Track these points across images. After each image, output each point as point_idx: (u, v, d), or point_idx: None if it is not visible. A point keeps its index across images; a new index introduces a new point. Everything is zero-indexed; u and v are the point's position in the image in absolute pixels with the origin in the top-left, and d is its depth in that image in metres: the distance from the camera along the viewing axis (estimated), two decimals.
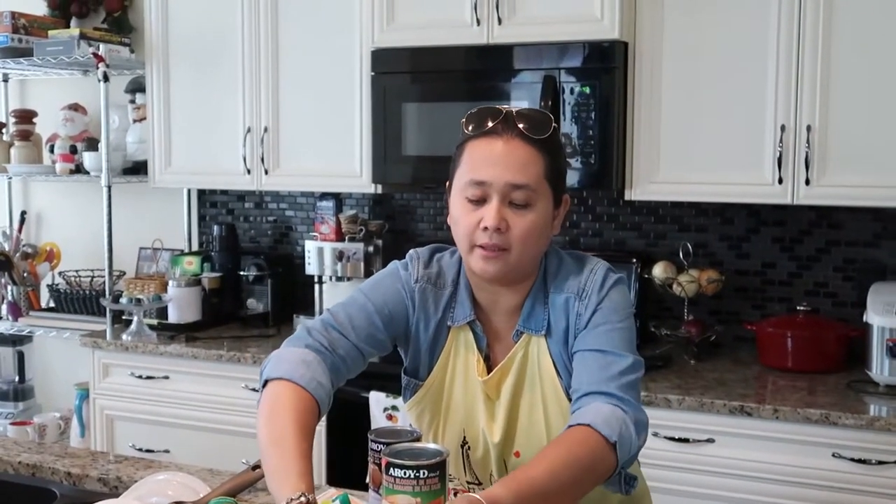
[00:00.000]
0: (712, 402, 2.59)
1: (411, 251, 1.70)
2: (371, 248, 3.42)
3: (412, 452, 1.33)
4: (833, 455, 2.51)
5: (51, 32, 3.73)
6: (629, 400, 1.46)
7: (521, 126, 1.50)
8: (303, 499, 1.28)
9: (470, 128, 1.54)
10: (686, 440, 2.64)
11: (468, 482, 1.65)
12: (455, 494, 1.55)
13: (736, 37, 2.84)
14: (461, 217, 1.54)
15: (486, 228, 1.50)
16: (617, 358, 1.50)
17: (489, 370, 1.62)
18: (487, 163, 1.50)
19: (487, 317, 1.63)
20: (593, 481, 1.40)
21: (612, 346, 1.51)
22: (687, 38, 2.89)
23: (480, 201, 1.51)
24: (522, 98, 3.00)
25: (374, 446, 1.44)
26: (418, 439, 1.45)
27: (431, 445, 1.38)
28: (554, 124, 1.53)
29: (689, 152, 2.91)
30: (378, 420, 2.93)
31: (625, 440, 1.41)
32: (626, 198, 3.00)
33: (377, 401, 2.94)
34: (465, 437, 1.63)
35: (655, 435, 2.62)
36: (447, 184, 1.60)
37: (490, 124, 1.51)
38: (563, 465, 1.35)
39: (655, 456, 2.60)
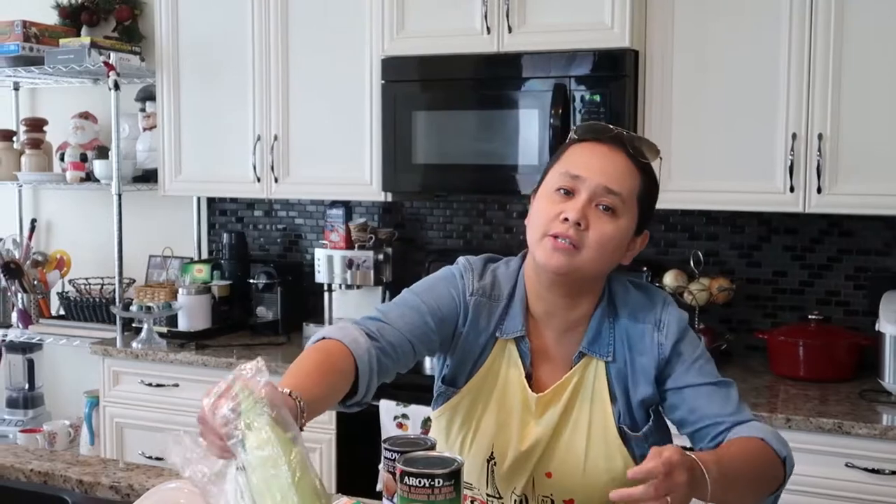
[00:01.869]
0: None
1: (462, 259, 1.67)
2: (381, 257, 3.42)
3: (427, 461, 1.32)
4: (846, 465, 2.49)
5: (62, 41, 3.74)
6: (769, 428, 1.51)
7: (628, 144, 1.54)
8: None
9: (579, 133, 1.58)
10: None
11: (488, 495, 1.63)
12: (473, 502, 1.57)
13: (747, 45, 2.84)
14: (544, 206, 1.53)
15: (565, 220, 1.49)
16: (729, 389, 1.56)
17: (531, 388, 1.59)
18: (588, 161, 1.53)
19: (539, 331, 1.61)
20: (765, 490, 1.45)
21: (716, 378, 1.56)
22: (698, 45, 2.89)
23: (569, 194, 1.52)
24: (533, 106, 3.00)
25: (389, 455, 1.43)
26: (433, 448, 1.44)
27: (446, 454, 1.38)
28: (660, 157, 1.57)
29: (700, 160, 2.91)
30: (388, 428, 2.92)
31: (790, 458, 1.48)
32: None
33: (387, 409, 2.93)
34: (492, 452, 1.61)
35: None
36: (534, 189, 1.60)
37: (599, 135, 1.55)
38: (755, 460, 1.41)
39: None
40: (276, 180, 3.45)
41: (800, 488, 2.52)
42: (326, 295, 3.54)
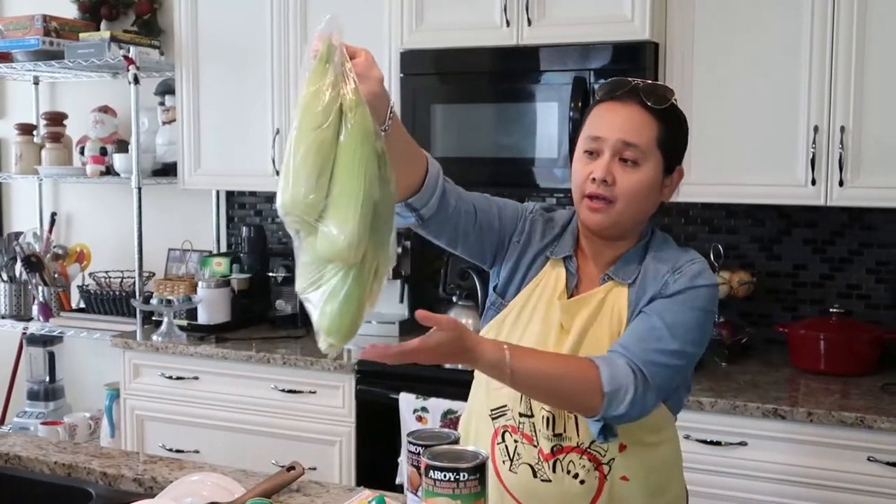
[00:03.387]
0: (745, 405, 2.57)
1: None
2: (399, 250, 3.42)
3: (452, 455, 1.33)
4: (868, 459, 2.48)
5: (81, 35, 3.75)
6: (649, 384, 1.55)
7: (642, 95, 1.64)
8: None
9: (601, 94, 1.69)
10: (718, 443, 2.62)
11: (520, 413, 1.69)
12: (504, 433, 1.70)
13: (768, 37, 2.82)
14: (577, 169, 1.68)
15: (594, 179, 1.62)
16: (669, 338, 1.58)
17: None
18: (606, 121, 1.65)
19: (586, 261, 1.73)
20: (569, 406, 1.60)
21: (674, 324, 1.59)
22: (718, 38, 2.87)
23: (595, 154, 1.64)
24: (552, 99, 2.99)
25: (413, 448, 1.43)
26: (456, 441, 1.44)
27: (470, 448, 1.38)
28: (674, 99, 1.65)
29: (721, 153, 2.89)
30: (408, 422, 2.93)
31: (615, 402, 1.53)
32: None
33: (407, 402, 2.94)
34: None
35: (687, 438, 2.60)
36: (571, 149, 1.76)
37: (618, 92, 1.66)
38: (557, 373, 1.54)
39: (688, 459, 2.53)
40: None
41: (822, 482, 2.52)
42: None
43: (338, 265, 1.33)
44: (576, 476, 1.64)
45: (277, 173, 3.46)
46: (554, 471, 1.65)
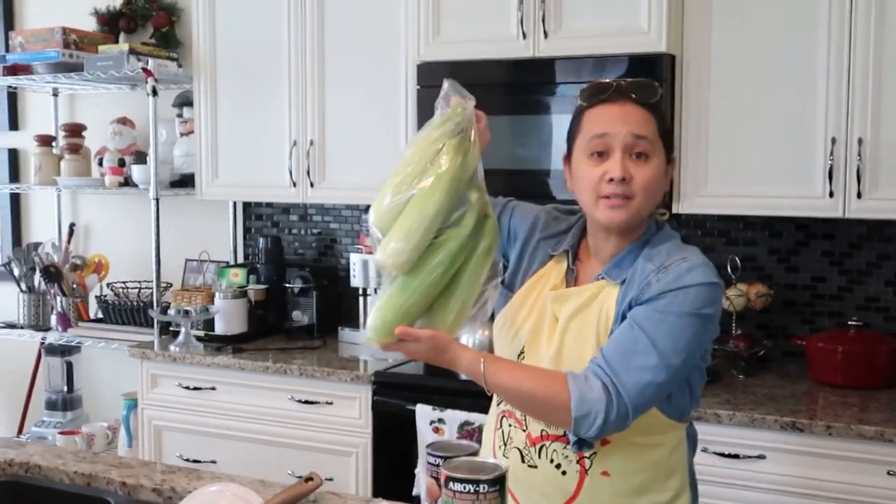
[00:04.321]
0: (763, 418, 2.56)
1: None
2: None
3: (472, 466, 1.33)
4: (888, 473, 2.46)
5: (100, 48, 3.79)
6: (625, 404, 1.55)
7: (632, 94, 1.66)
8: None
9: (585, 99, 1.70)
10: (736, 456, 2.60)
11: None
12: (502, 418, 1.76)
13: (785, 48, 2.81)
14: (585, 173, 1.66)
15: (611, 180, 1.62)
16: (646, 352, 1.56)
17: None
18: (609, 119, 1.65)
19: (587, 259, 1.76)
20: (541, 418, 1.65)
21: (656, 335, 1.56)
22: (735, 49, 2.87)
23: (603, 154, 1.64)
24: (567, 111, 2.96)
25: (432, 460, 1.43)
26: (476, 453, 1.44)
27: (490, 460, 1.38)
28: (660, 90, 1.69)
29: (738, 165, 2.88)
30: (424, 433, 2.92)
31: (584, 425, 1.56)
32: (674, 211, 2.97)
33: (423, 414, 2.93)
34: (523, 349, 1.74)
35: (705, 451, 2.59)
36: (563, 157, 1.75)
37: (604, 95, 1.67)
38: (527, 390, 1.60)
39: (705, 472, 2.56)
40: (311, 185, 3.47)
41: (841, 496, 2.50)
42: (361, 299, 3.56)
43: (390, 273, 1.58)
44: (558, 466, 1.66)
45: (294, 184, 3.48)
46: (539, 457, 1.68)
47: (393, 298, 1.58)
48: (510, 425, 1.73)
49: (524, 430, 1.70)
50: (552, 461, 1.67)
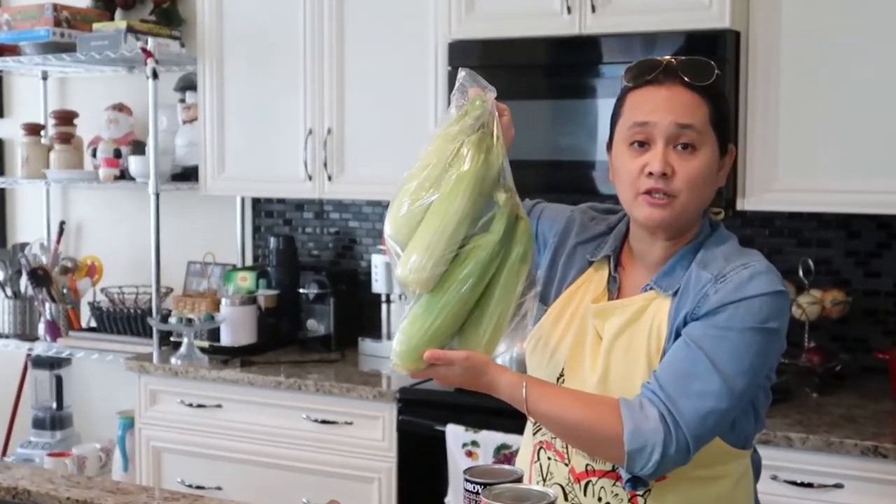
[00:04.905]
0: (841, 442, 2.54)
1: None
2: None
3: (517, 494, 1.32)
4: None
5: (95, 26, 3.82)
6: (685, 437, 1.52)
7: (682, 74, 1.63)
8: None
9: (630, 79, 1.68)
10: (810, 485, 2.59)
11: None
12: (539, 450, 1.74)
13: (868, 22, 2.79)
14: (624, 165, 1.65)
15: (650, 174, 1.60)
16: (706, 375, 1.54)
17: None
18: (651, 105, 1.63)
19: (632, 265, 1.73)
20: (589, 451, 1.63)
21: (717, 355, 1.54)
22: (809, 24, 2.85)
23: (644, 145, 1.62)
24: (615, 95, 2.96)
25: (470, 487, 1.43)
26: (520, 480, 1.44)
27: (536, 487, 1.38)
28: (717, 71, 1.64)
29: (811, 157, 2.86)
30: (456, 457, 2.92)
31: (638, 461, 1.52)
32: (738, 208, 2.96)
33: (455, 435, 2.93)
34: (563, 371, 1.71)
35: (774, 478, 2.57)
36: (607, 143, 1.73)
37: (651, 75, 1.64)
38: (573, 419, 1.57)
39: (775, 503, 2.55)
40: (329, 178, 3.48)
41: None
42: (384, 306, 3.56)
43: (413, 290, 1.58)
44: None
45: (310, 178, 3.49)
46: (585, 495, 1.65)
47: (419, 319, 1.57)
48: (549, 458, 1.71)
49: (566, 464, 1.68)
50: (600, 500, 1.65)
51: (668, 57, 1.67)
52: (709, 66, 1.65)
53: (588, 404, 1.59)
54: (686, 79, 1.62)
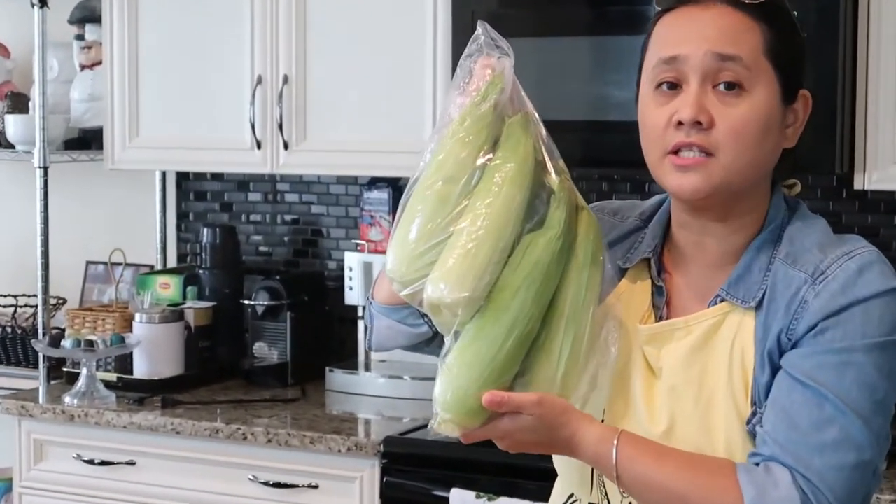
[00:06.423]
0: None
1: None
2: None
3: None
4: None
5: None
6: (826, 495, 1.49)
7: None
8: None
9: (660, 2, 1.67)
10: None
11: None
12: None
13: None
14: (649, 116, 1.63)
15: (680, 123, 1.57)
16: (838, 419, 1.51)
17: None
18: (683, 33, 1.61)
19: (684, 268, 1.70)
20: None
21: (840, 391, 1.52)
22: None
23: (675, 87, 1.60)
24: None
25: None
26: None
27: None
28: None
29: None
30: None
31: None
32: (856, 186, 2.98)
33: (462, 502, 2.94)
34: (602, 420, 1.66)
35: None
36: (636, 92, 1.69)
37: None
38: (680, 488, 1.54)
39: None
40: (285, 146, 3.46)
41: None
42: (361, 324, 3.52)
43: (446, 317, 1.55)
44: None
45: (258, 145, 3.47)
46: None
47: (468, 351, 1.54)
48: None
49: None
50: None
51: None
52: None
53: (695, 466, 1.56)
54: None
